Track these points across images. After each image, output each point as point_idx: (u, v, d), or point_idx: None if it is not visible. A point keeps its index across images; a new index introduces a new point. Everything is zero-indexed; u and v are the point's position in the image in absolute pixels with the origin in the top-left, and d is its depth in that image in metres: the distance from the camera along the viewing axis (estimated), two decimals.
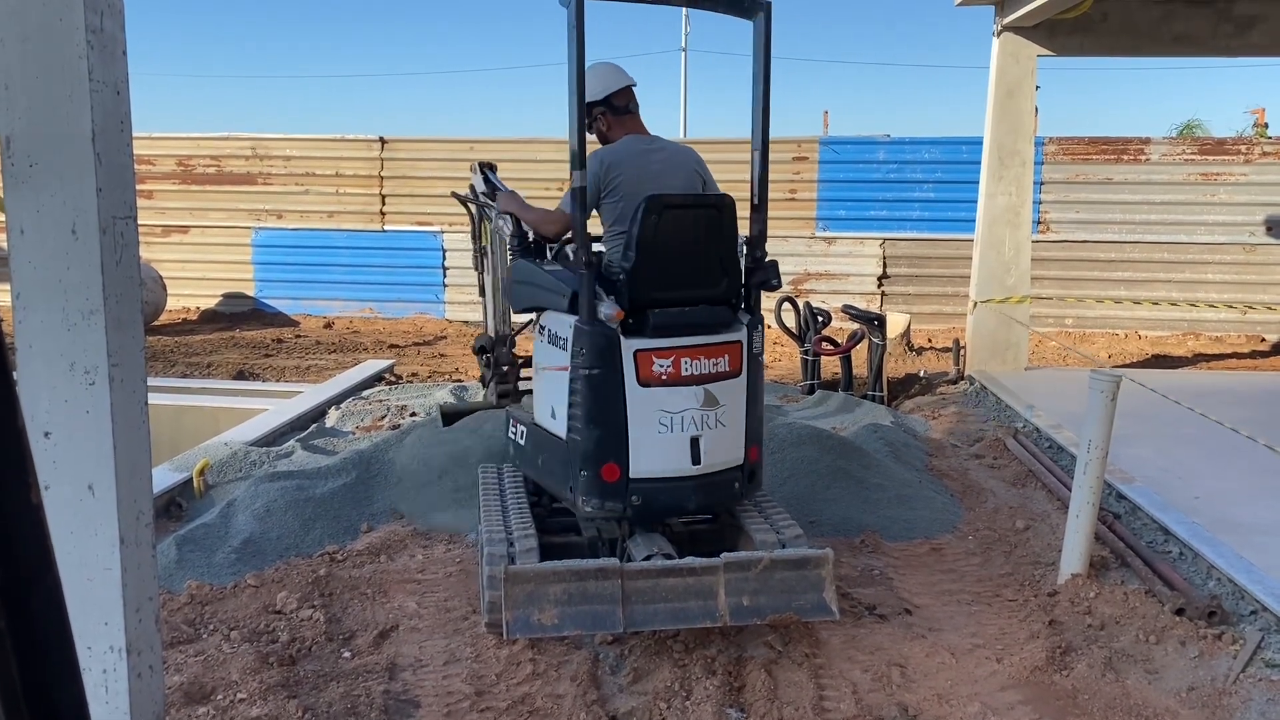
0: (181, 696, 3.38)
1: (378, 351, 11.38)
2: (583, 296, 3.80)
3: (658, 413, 3.85)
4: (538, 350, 4.25)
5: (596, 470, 3.82)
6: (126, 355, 2.62)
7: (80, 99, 2.45)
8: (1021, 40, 9.06)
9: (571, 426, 3.88)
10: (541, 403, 4.20)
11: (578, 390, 3.84)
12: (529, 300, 4.31)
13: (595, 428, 3.82)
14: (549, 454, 4.12)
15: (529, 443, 4.34)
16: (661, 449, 3.87)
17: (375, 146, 14.04)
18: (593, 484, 3.83)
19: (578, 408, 3.84)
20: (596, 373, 3.80)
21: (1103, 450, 4.36)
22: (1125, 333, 12.93)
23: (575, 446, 3.86)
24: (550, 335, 4.10)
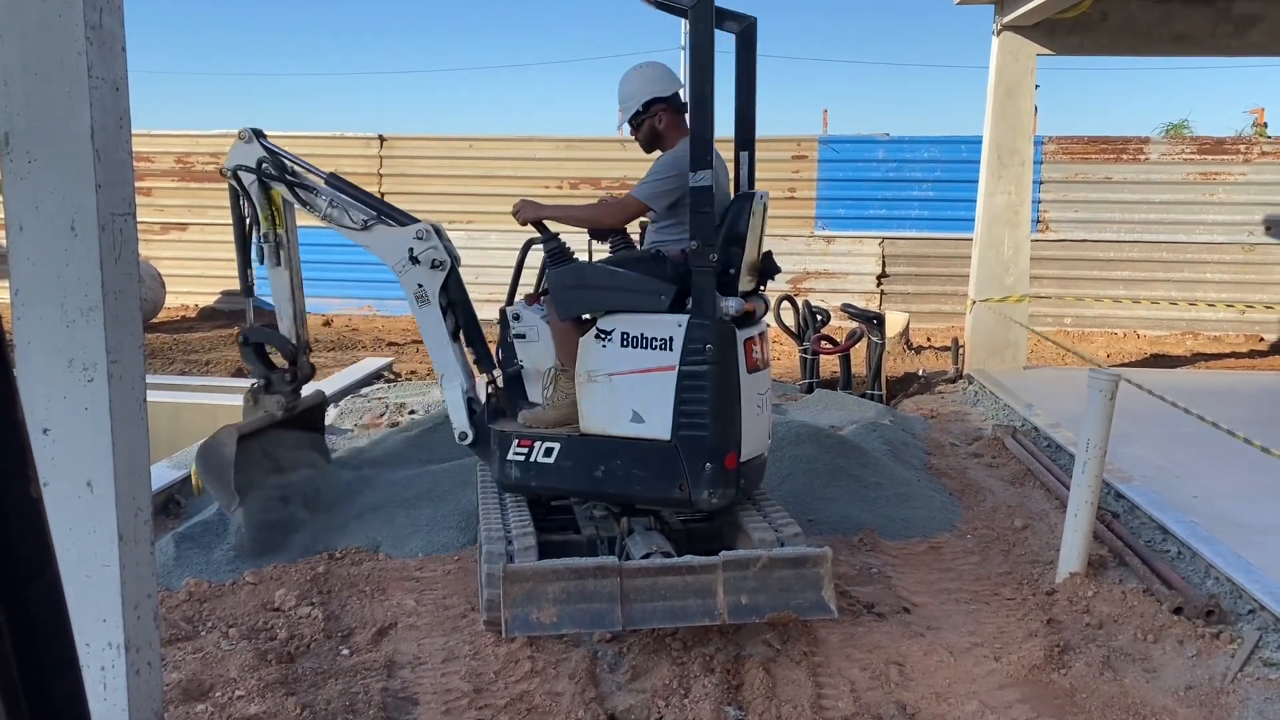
0: (180, 693, 3.38)
1: (376, 349, 11.37)
2: (707, 293, 3.90)
3: (756, 396, 4.12)
4: (596, 356, 4.07)
5: (721, 461, 3.95)
6: (125, 352, 2.62)
7: (79, 95, 2.45)
8: (1021, 39, 9.07)
9: (682, 424, 3.93)
10: (612, 409, 4.06)
11: (698, 386, 3.92)
12: (596, 304, 4.13)
13: (721, 420, 3.95)
14: (626, 460, 4.04)
15: (570, 458, 4.15)
16: (756, 430, 4.15)
17: (374, 144, 14.03)
18: (716, 475, 3.95)
19: (697, 404, 3.92)
20: (723, 366, 3.93)
21: (1101, 449, 4.36)
22: (1124, 332, 12.94)
23: (694, 443, 3.93)
24: (631, 338, 4.02)
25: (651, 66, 4.38)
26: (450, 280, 4.64)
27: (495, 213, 13.82)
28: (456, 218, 13.76)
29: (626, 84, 4.34)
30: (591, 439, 4.11)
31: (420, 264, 4.60)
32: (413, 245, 4.61)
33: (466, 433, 4.57)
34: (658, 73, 4.35)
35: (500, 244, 13.35)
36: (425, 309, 4.65)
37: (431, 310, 4.65)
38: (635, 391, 4.00)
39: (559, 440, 4.18)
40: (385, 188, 14.02)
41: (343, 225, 4.82)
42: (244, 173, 5.10)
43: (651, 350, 3.97)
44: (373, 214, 4.79)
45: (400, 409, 7.57)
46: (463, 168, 13.88)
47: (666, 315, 3.96)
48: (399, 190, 14.00)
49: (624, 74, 4.38)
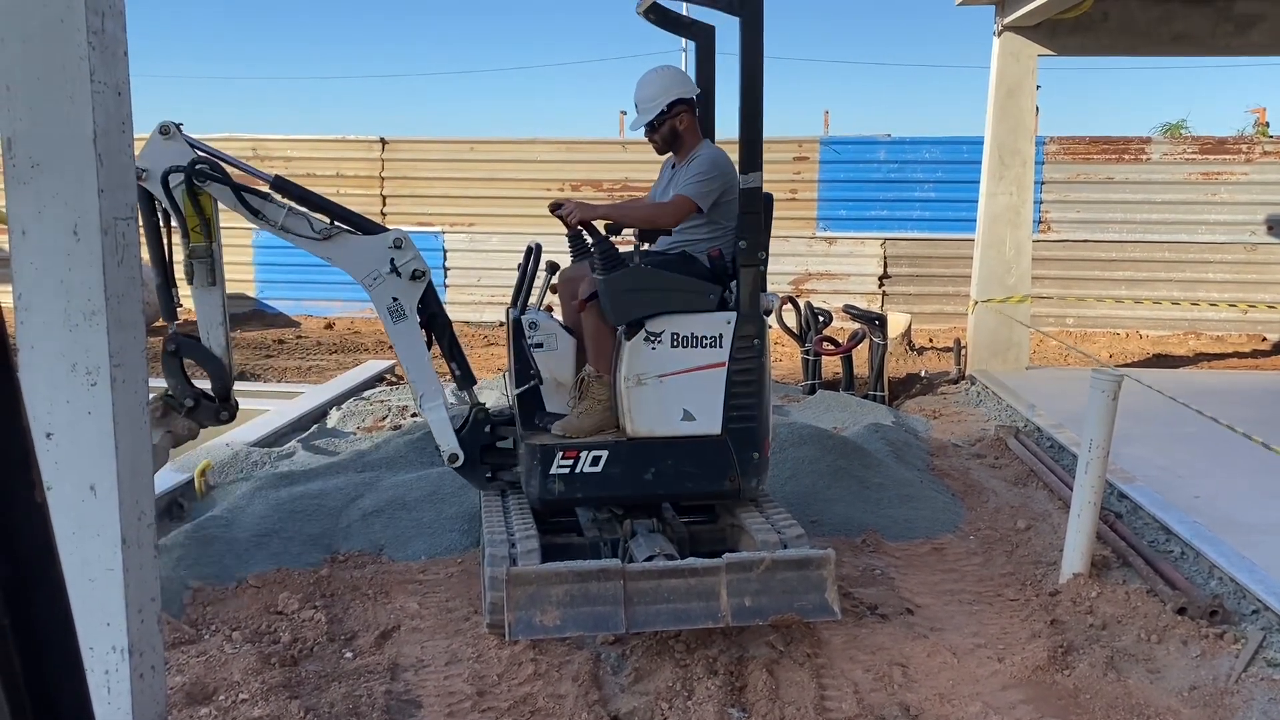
0: (183, 697, 3.38)
1: (379, 352, 11.38)
2: (753, 291, 4.12)
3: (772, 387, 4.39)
4: (645, 359, 4.07)
5: (763, 449, 4.25)
6: (128, 356, 2.63)
7: (82, 100, 2.45)
8: (1022, 40, 9.07)
9: (733, 418, 4.14)
10: (662, 410, 4.10)
11: (748, 380, 4.15)
12: (650, 308, 4.10)
13: (764, 410, 4.24)
14: (678, 459, 4.15)
15: (618, 463, 4.12)
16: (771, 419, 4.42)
17: (376, 147, 14.04)
18: (761, 462, 4.25)
19: (747, 397, 4.15)
20: (763, 360, 4.21)
21: (1104, 449, 4.36)
22: (1126, 332, 12.93)
23: (743, 434, 4.17)
24: (681, 339, 4.10)
25: (672, 70, 4.51)
26: (427, 292, 4.35)
27: (497, 215, 13.85)
28: (459, 220, 13.78)
29: (647, 86, 4.39)
30: (641, 442, 4.14)
31: (400, 276, 4.26)
32: (393, 255, 4.26)
33: (458, 454, 4.38)
34: (679, 76, 4.47)
35: (502, 247, 13.36)
36: (402, 324, 4.33)
37: (409, 325, 4.35)
38: (686, 390, 4.14)
39: (605, 447, 4.11)
40: (387, 191, 14.04)
41: (301, 236, 4.31)
42: (173, 174, 4.31)
43: (702, 349, 4.12)
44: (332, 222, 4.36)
45: (403, 412, 7.57)
46: (465, 170, 13.89)
47: (715, 314, 4.13)
48: (401, 193, 14.02)
49: (642, 77, 4.45)
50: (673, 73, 4.49)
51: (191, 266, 4.49)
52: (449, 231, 13.76)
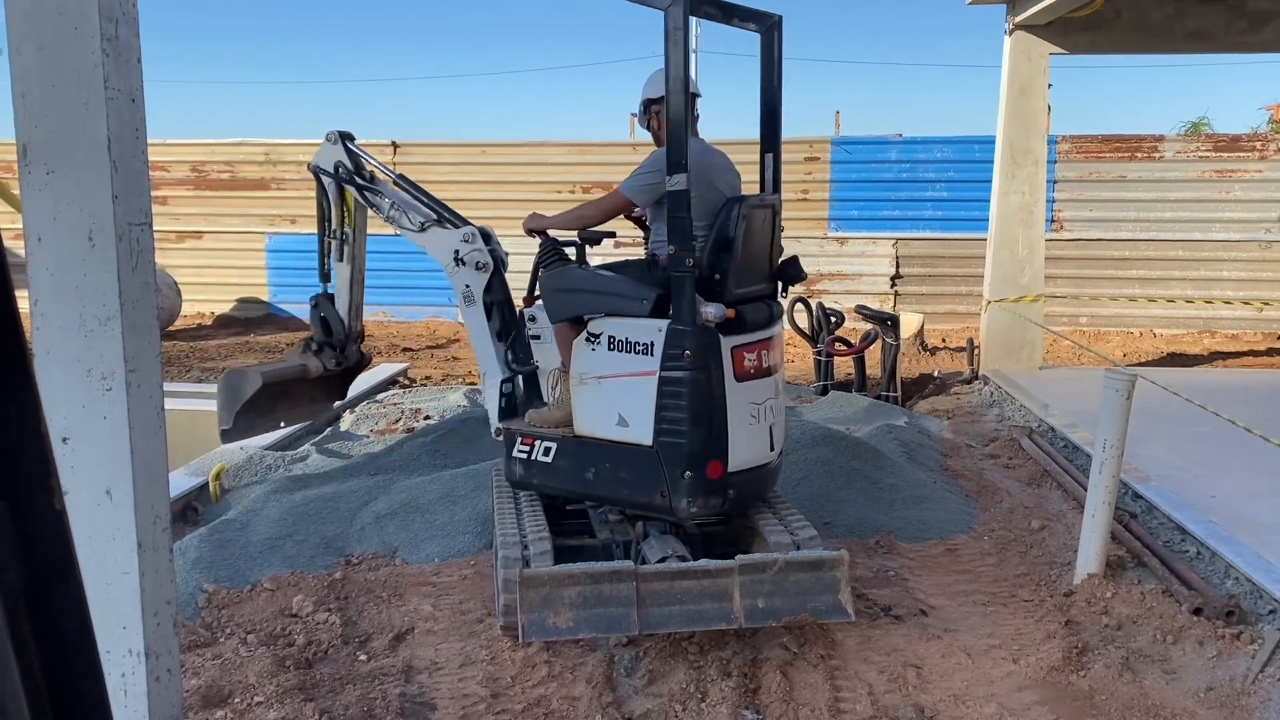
0: (199, 699, 3.40)
1: (391, 355, 11.41)
2: (685, 298, 3.85)
3: (749, 405, 4.00)
4: (587, 359, 4.11)
5: (701, 470, 3.89)
6: (143, 361, 2.64)
7: (96, 107, 2.47)
8: (1033, 38, 9.04)
9: (663, 430, 3.90)
10: (600, 412, 4.08)
11: (676, 393, 3.87)
12: (582, 308, 4.19)
13: (700, 428, 3.88)
14: (614, 464, 4.05)
15: (568, 457, 4.21)
16: (750, 440, 4.04)
17: (388, 151, 14.07)
18: (697, 484, 3.89)
19: (676, 410, 3.87)
20: (701, 373, 3.85)
21: (1118, 449, 4.34)
22: (1140, 331, 12.87)
23: (673, 450, 3.88)
24: (616, 342, 4.03)
25: (657, 72, 4.40)
26: (494, 281, 4.88)
27: (509, 218, 13.81)
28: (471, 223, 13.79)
29: (645, 85, 4.44)
30: (583, 441, 4.15)
31: (465, 265, 4.84)
32: (458, 248, 4.85)
33: (500, 429, 4.66)
34: (654, 77, 4.41)
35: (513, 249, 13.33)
36: (471, 309, 4.89)
37: (476, 310, 4.87)
38: (621, 395, 4.02)
39: (556, 440, 4.25)
40: None
41: (402, 227, 5.10)
42: (322, 173, 5.55)
43: (635, 355, 3.97)
44: (432, 217, 5.04)
45: (416, 414, 7.59)
46: (476, 173, 13.91)
47: (649, 320, 3.93)
48: None
49: None
50: (655, 72, 4.39)
51: (331, 245, 5.74)
52: None
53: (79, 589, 0.55)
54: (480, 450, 6.20)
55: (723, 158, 4.38)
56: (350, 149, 5.43)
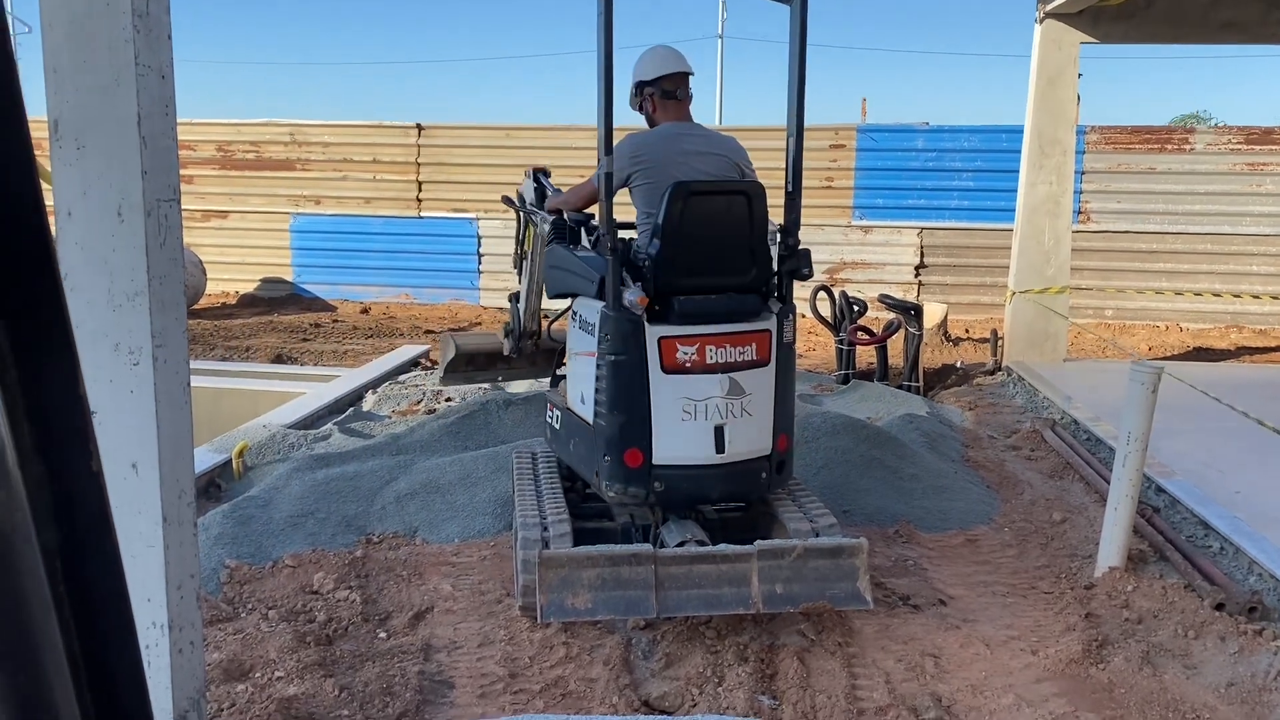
0: (220, 673, 3.43)
1: (413, 337, 11.45)
2: (609, 282, 3.83)
3: (681, 400, 3.85)
4: (571, 336, 4.30)
5: (619, 455, 3.86)
6: (170, 336, 2.66)
7: (126, 83, 2.48)
8: (1064, 27, 8.93)
9: (597, 412, 3.94)
10: (573, 387, 4.25)
11: (603, 376, 3.89)
12: (561, 286, 4.40)
13: (619, 413, 3.86)
14: (579, 438, 4.16)
15: (563, 427, 4.39)
16: (684, 437, 3.88)
17: (412, 133, 14.10)
18: (616, 469, 3.87)
19: (603, 393, 3.90)
20: (621, 358, 3.83)
21: (1143, 442, 4.30)
22: (1166, 325, 12.74)
23: (600, 431, 3.92)
24: (581, 321, 4.14)
25: (644, 52, 4.43)
26: None
27: None
28: (493, 207, 13.78)
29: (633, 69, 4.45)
30: (569, 413, 4.28)
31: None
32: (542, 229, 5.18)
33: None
34: (644, 58, 4.38)
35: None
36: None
37: None
38: (580, 372, 4.13)
39: (560, 409, 4.40)
40: (423, 176, 14.10)
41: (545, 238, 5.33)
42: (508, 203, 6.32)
43: (588, 334, 4.03)
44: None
45: (437, 396, 7.62)
46: (500, 157, 13.91)
47: (596, 301, 3.97)
48: (437, 179, 14.07)
49: None
50: (642, 56, 4.40)
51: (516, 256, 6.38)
52: (483, 218, 13.81)
53: (114, 551, 0.55)
54: (499, 433, 6.22)
55: (703, 142, 4.27)
56: (540, 181, 5.86)
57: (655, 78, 4.33)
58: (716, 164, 4.23)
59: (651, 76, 4.33)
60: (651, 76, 4.33)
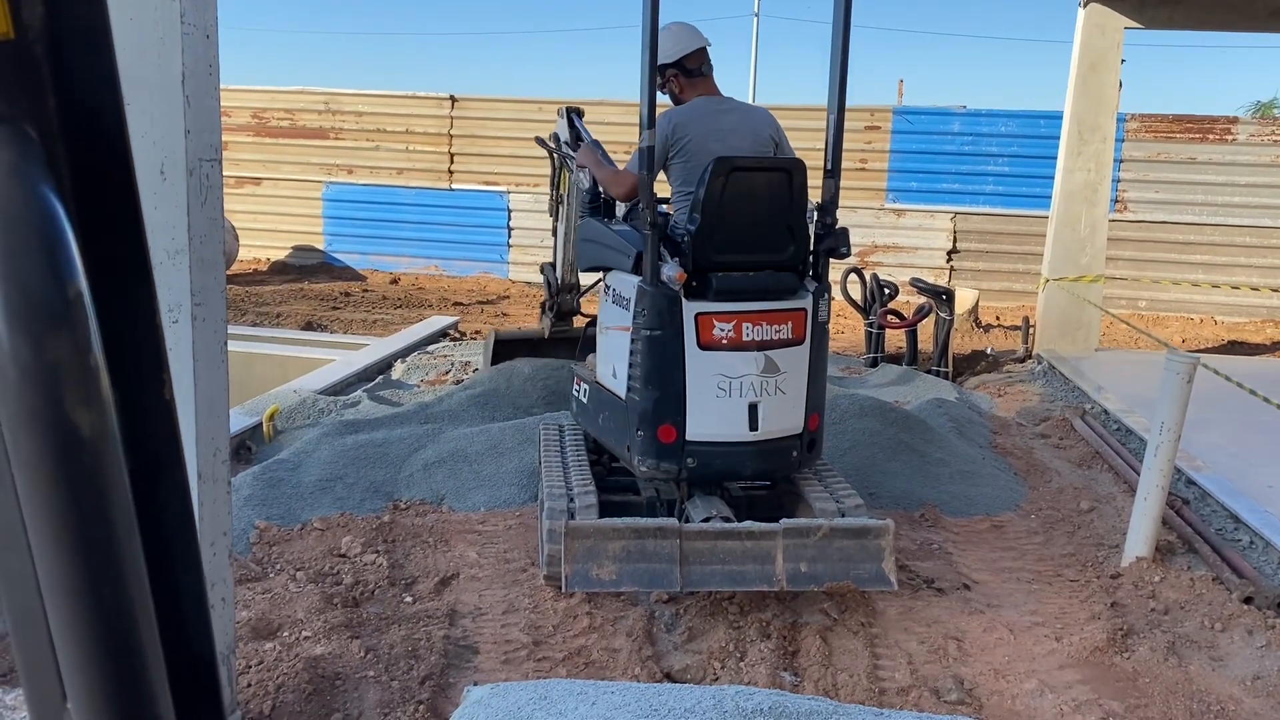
0: (249, 631, 3.48)
1: (442, 308, 11.50)
2: (647, 257, 3.82)
3: (716, 377, 3.85)
4: (603, 310, 4.30)
5: (653, 430, 3.86)
6: (208, 295, 2.68)
7: (172, 42, 2.49)
8: (1108, 11, 8.79)
9: (631, 386, 3.94)
10: (604, 361, 4.26)
11: (638, 351, 3.88)
12: (594, 259, 4.41)
13: (653, 388, 3.85)
14: (609, 412, 4.17)
15: (591, 400, 4.40)
16: (719, 413, 3.87)
17: (445, 105, 14.10)
18: (649, 444, 3.87)
19: (637, 368, 3.89)
20: (657, 334, 3.81)
21: (1175, 432, 4.26)
22: (1200, 317, 12.59)
23: (634, 406, 3.91)
24: (615, 295, 4.13)
25: (664, 30, 4.21)
26: None
27: None
28: (524, 180, 13.80)
29: None
30: (599, 387, 4.30)
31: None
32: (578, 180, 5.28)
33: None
34: (667, 36, 4.23)
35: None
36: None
37: None
38: (613, 346, 4.13)
39: (588, 384, 4.43)
40: (455, 148, 14.11)
41: (582, 188, 5.31)
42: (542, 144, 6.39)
43: (622, 309, 4.03)
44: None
45: (465, 367, 7.65)
46: (532, 130, 13.82)
47: (632, 276, 3.96)
48: (469, 151, 14.08)
49: None
50: (664, 34, 4.17)
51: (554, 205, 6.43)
52: (514, 191, 13.82)
53: (183, 479, 0.56)
54: (526, 405, 6.25)
55: (740, 118, 4.24)
56: (574, 122, 5.87)
57: (677, 59, 4.30)
58: (752, 139, 4.20)
59: (673, 59, 4.28)
60: (673, 59, 4.28)
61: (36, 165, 0.45)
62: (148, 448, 0.54)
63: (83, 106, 0.50)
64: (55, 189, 0.45)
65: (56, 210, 0.44)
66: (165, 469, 0.55)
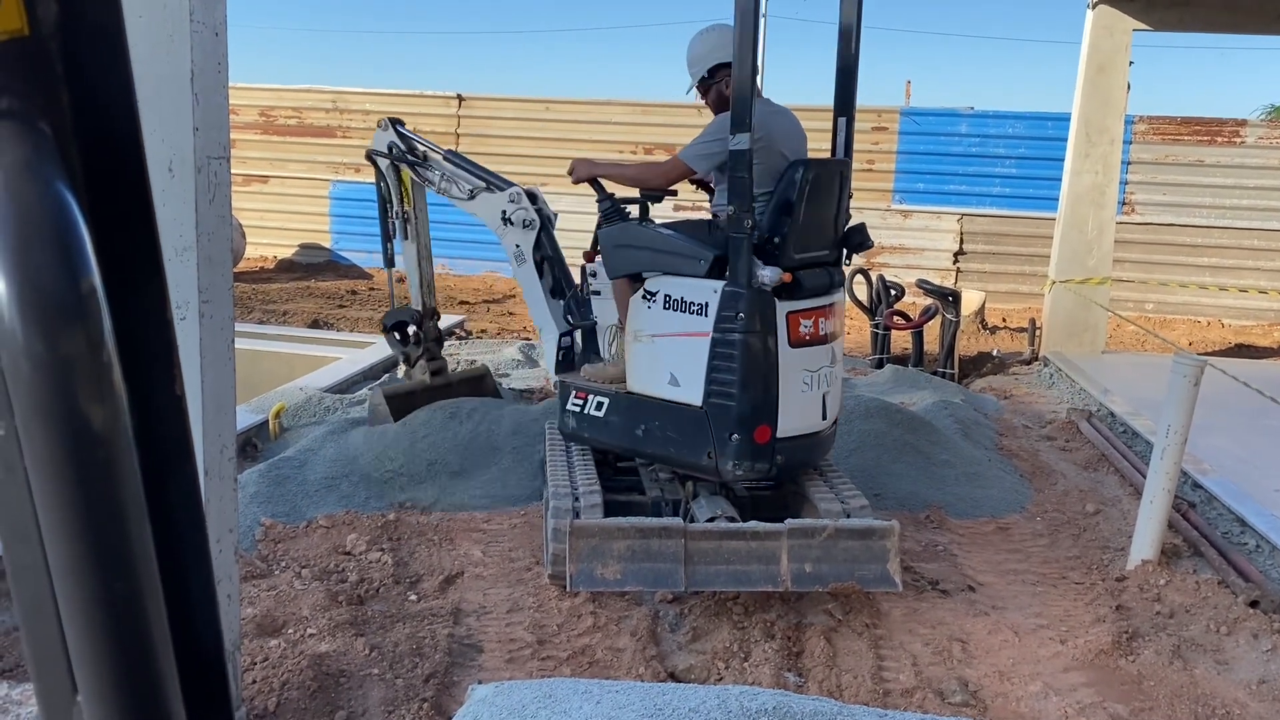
0: (254, 628, 3.49)
1: (448, 307, 11.50)
2: (742, 260, 3.82)
3: (801, 372, 3.97)
4: (642, 317, 4.13)
5: (749, 433, 3.86)
6: (216, 292, 2.69)
7: (181, 39, 2.50)
8: (1117, 13, 8.77)
9: (713, 392, 3.89)
10: (652, 370, 4.11)
11: (728, 355, 3.86)
12: (639, 265, 4.18)
13: (750, 391, 3.86)
14: (662, 422, 4.08)
15: (615, 413, 4.26)
16: (802, 407, 4.01)
17: (453, 103, 14.12)
18: (744, 447, 3.87)
19: (727, 372, 3.86)
20: (754, 336, 3.83)
21: (1182, 435, 4.25)
22: (1208, 320, 12.56)
23: (721, 411, 3.88)
24: (672, 301, 4.03)
25: (717, 30, 4.29)
26: (541, 238, 5.05)
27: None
28: (530, 180, 13.66)
29: (693, 48, 4.32)
30: (635, 398, 4.18)
31: (513, 225, 5.05)
32: (505, 208, 5.06)
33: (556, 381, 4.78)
34: (724, 37, 4.22)
35: (574, 208, 13.30)
36: (522, 267, 5.09)
37: (528, 268, 5.06)
38: (674, 354, 4.02)
39: (608, 396, 4.29)
40: (462, 147, 14.11)
41: (453, 196, 5.33)
42: (378, 156, 5.77)
43: (689, 314, 3.96)
44: (480, 184, 5.24)
45: (471, 366, 7.65)
46: (539, 129, 13.91)
47: (705, 280, 3.92)
48: (476, 150, 14.04)
49: (692, 38, 4.34)
50: (717, 35, 4.26)
51: (395, 225, 5.91)
52: None
53: (193, 475, 0.56)
54: (531, 405, 6.25)
55: (789, 119, 4.29)
56: (401, 132, 5.72)
57: None
58: (801, 139, 4.29)
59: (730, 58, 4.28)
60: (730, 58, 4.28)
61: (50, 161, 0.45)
62: (158, 442, 0.54)
63: (96, 103, 0.51)
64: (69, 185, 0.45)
65: (70, 205, 0.44)
66: (175, 463, 0.55)
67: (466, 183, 5.29)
